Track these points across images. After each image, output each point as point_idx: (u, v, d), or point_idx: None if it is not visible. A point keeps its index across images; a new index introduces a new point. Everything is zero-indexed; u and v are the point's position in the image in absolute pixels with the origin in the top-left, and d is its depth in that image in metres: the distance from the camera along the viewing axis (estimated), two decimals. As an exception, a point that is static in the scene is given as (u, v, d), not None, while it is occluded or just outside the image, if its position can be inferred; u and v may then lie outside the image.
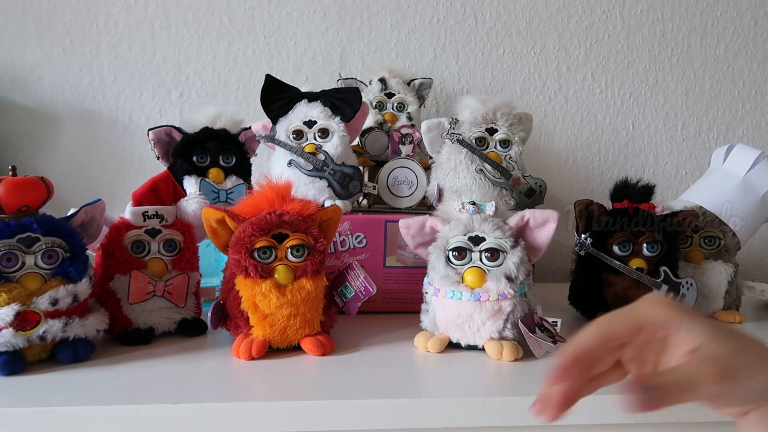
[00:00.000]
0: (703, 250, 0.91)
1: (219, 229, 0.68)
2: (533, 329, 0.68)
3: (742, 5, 1.31)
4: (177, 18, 1.19)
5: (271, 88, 0.87)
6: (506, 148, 0.90)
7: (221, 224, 0.68)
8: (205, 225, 0.68)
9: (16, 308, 0.59)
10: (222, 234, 0.68)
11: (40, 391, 0.56)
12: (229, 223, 0.67)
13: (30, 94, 1.17)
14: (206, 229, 0.69)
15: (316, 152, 0.85)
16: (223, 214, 0.67)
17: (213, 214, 0.67)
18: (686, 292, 0.83)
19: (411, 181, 0.96)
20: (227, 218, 0.67)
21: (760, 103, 1.34)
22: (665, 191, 1.32)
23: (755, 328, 0.86)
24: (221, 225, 0.68)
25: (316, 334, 0.69)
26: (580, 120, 1.31)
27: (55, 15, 1.16)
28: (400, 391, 0.58)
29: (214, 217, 0.67)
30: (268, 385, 0.60)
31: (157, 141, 0.90)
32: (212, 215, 0.67)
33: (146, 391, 0.57)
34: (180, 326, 0.74)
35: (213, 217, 0.67)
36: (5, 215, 0.62)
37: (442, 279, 0.69)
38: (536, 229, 0.71)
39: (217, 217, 0.67)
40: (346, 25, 1.23)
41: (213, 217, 0.67)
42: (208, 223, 0.68)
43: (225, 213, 0.67)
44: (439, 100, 1.27)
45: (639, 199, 0.84)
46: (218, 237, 0.69)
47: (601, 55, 1.29)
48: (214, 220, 0.67)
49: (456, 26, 1.25)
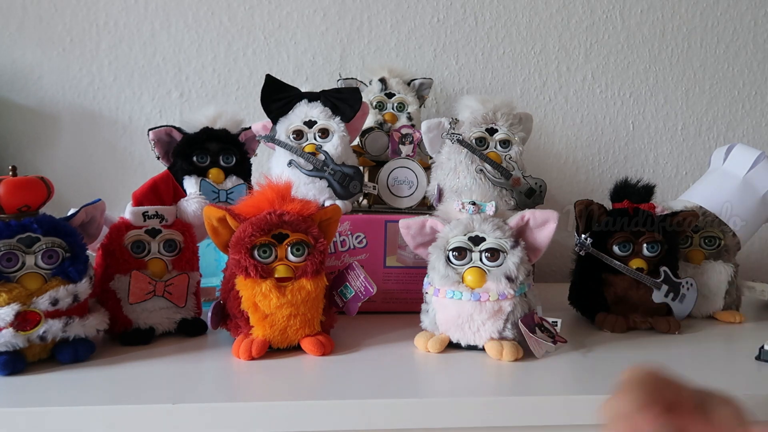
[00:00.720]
0: (703, 250, 0.91)
1: (220, 228, 0.68)
2: (533, 329, 0.68)
3: (742, 5, 1.31)
4: (177, 18, 1.19)
5: (271, 88, 0.87)
6: (506, 148, 0.90)
7: (222, 223, 0.68)
8: (206, 223, 0.68)
9: (16, 308, 0.59)
10: (223, 233, 0.68)
11: (40, 391, 0.56)
12: (230, 222, 0.67)
13: (30, 94, 1.17)
14: (207, 227, 0.69)
15: (316, 152, 0.85)
16: (224, 212, 0.67)
17: (214, 213, 0.67)
18: (686, 292, 0.83)
19: (411, 181, 0.96)
20: (228, 217, 0.67)
21: (760, 103, 1.34)
22: (665, 191, 1.32)
23: (755, 328, 0.86)
24: (222, 224, 0.68)
25: (316, 334, 0.69)
26: (580, 120, 1.31)
27: (55, 15, 1.16)
28: (400, 391, 0.58)
29: (215, 216, 0.67)
30: (268, 385, 0.60)
31: (157, 141, 0.90)
32: (214, 214, 0.67)
33: (146, 391, 0.57)
34: (180, 326, 0.74)
35: (214, 216, 0.67)
36: (5, 215, 0.62)
37: (442, 279, 0.69)
38: (536, 229, 0.71)
39: (219, 215, 0.67)
40: (346, 25, 1.23)
41: (214, 215, 0.67)
42: (209, 221, 0.68)
43: (226, 212, 0.67)
44: (439, 100, 1.27)
45: (639, 199, 0.84)
46: (219, 236, 0.69)
47: (601, 55, 1.29)
48: (216, 219, 0.67)
49: (456, 26, 1.25)
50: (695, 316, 0.89)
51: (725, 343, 0.80)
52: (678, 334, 0.81)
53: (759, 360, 0.69)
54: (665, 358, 0.71)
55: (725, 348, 0.78)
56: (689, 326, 0.85)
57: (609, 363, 0.68)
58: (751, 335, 0.82)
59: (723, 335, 0.83)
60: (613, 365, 0.67)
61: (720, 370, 0.68)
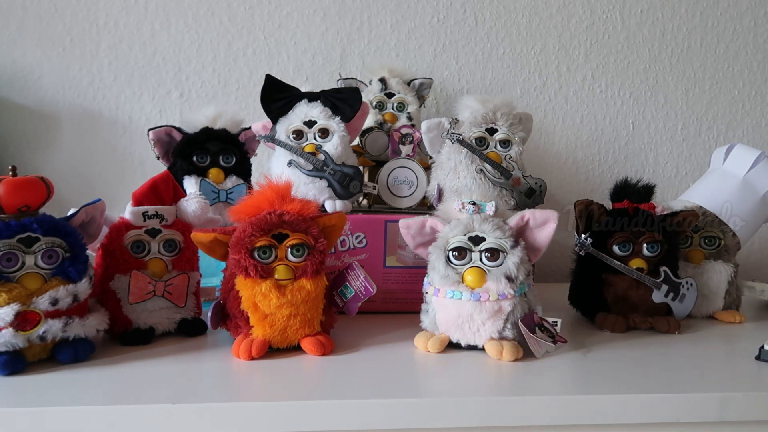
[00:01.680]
0: (703, 250, 0.91)
1: (214, 246, 0.68)
2: (533, 329, 0.68)
3: (742, 5, 1.31)
4: (177, 18, 1.19)
5: (271, 88, 0.87)
6: (506, 148, 0.90)
7: (214, 243, 0.68)
8: (199, 247, 0.69)
9: (16, 308, 0.59)
10: (218, 249, 0.68)
11: (40, 391, 0.56)
12: (221, 239, 0.67)
13: (30, 94, 1.17)
14: (201, 249, 0.69)
15: (316, 152, 0.85)
16: (213, 235, 0.67)
17: (203, 238, 0.67)
18: (686, 292, 0.83)
19: (411, 181, 0.96)
20: (218, 237, 0.67)
21: (760, 103, 1.34)
22: (665, 191, 1.32)
23: (755, 328, 0.87)
24: (215, 243, 0.68)
25: (316, 334, 0.69)
26: (580, 120, 1.31)
27: (55, 15, 1.16)
28: (400, 391, 0.58)
29: (205, 240, 0.67)
30: (268, 385, 0.60)
31: (157, 141, 0.90)
32: (202, 239, 0.67)
33: (146, 391, 0.57)
34: (180, 326, 0.74)
35: (204, 240, 0.67)
36: (5, 215, 0.62)
37: (442, 279, 0.69)
38: (536, 229, 0.71)
39: (209, 239, 0.67)
40: (346, 25, 1.23)
41: (204, 240, 0.67)
42: (200, 245, 0.68)
43: (215, 234, 0.67)
44: (439, 100, 1.27)
45: (639, 199, 0.84)
46: (215, 252, 0.69)
47: (601, 55, 1.29)
48: (207, 242, 0.67)
49: (456, 26, 1.25)
50: (695, 316, 0.89)
51: (725, 343, 0.80)
52: (678, 334, 0.81)
53: (759, 360, 0.69)
54: (665, 358, 0.71)
55: (725, 348, 0.78)
56: (689, 326, 0.85)
57: (609, 363, 0.68)
58: (751, 335, 0.82)
59: (723, 335, 0.83)
60: (613, 365, 0.67)
61: (720, 370, 0.68)
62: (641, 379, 0.62)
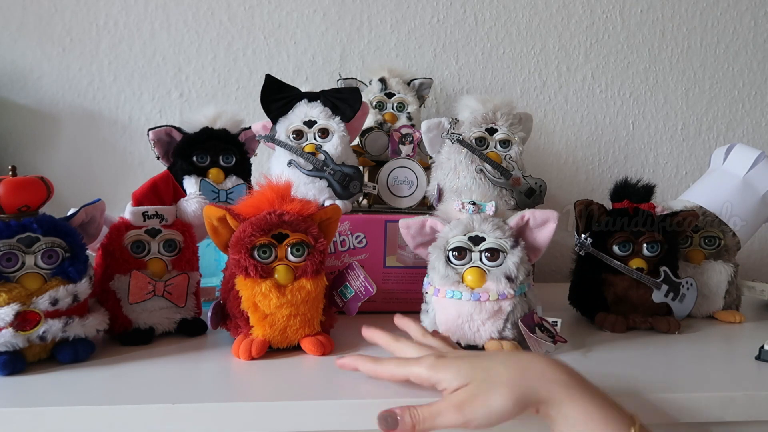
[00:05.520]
0: (703, 250, 0.91)
1: (220, 228, 0.68)
2: (533, 329, 0.68)
3: (742, 5, 1.31)
4: (177, 18, 1.19)
5: (271, 88, 0.87)
6: (506, 148, 0.90)
7: (222, 222, 0.68)
8: (206, 223, 0.68)
9: (16, 308, 0.59)
10: (223, 233, 0.68)
11: (40, 391, 0.56)
12: (230, 221, 0.67)
13: (30, 94, 1.17)
14: (207, 227, 0.69)
15: (316, 152, 0.85)
16: (224, 212, 0.67)
17: (214, 213, 0.67)
18: (686, 292, 0.83)
19: (411, 181, 0.96)
20: (229, 216, 0.67)
21: (760, 103, 1.34)
22: (665, 191, 1.32)
23: (755, 328, 0.86)
24: (222, 223, 0.68)
25: (316, 334, 0.69)
26: (580, 120, 1.31)
27: (55, 15, 1.16)
28: (400, 391, 0.58)
29: (215, 215, 0.67)
30: (268, 385, 0.60)
31: (157, 141, 0.90)
32: (214, 213, 0.67)
33: (146, 391, 0.57)
34: (180, 326, 0.74)
35: (214, 216, 0.67)
36: (5, 215, 0.62)
37: (442, 279, 0.69)
38: (536, 229, 0.71)
39: (219, 215, 0.67)
40: (346, 25, 1.23)
41: (214, 215, 0.67)
42: (209, 221, 0.68)
43: (227, 211, 0.67)
44: (439, 100, 1.27)
45: (639, 199, 0.84)
46: (219, 236, 0.69)
47: (601, 55, 1.29)
48: (216, 218, 0.67)
49: (456, 26, 1.25)
50: (695, 315, 0.89)
51: (725, 343, 0.80)
52: (678, 333, 0.81)
53: (759, 360, 0.69)
54: (665, 358, 0.71)
55: (725, 348, 0.78)
56: (689, 326, 0.85)
57: (609, 363, 0.68)
58: (751, 335, 0.82)
59: (723, 335, 0.83)
60: (613, 365, 0.67)
61: (720, 370, 0.68)
62: (641, 379, 0.62)
